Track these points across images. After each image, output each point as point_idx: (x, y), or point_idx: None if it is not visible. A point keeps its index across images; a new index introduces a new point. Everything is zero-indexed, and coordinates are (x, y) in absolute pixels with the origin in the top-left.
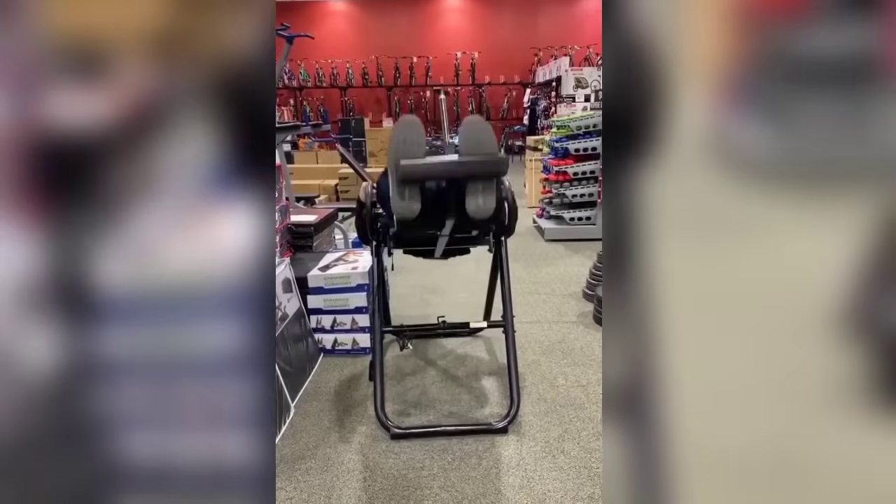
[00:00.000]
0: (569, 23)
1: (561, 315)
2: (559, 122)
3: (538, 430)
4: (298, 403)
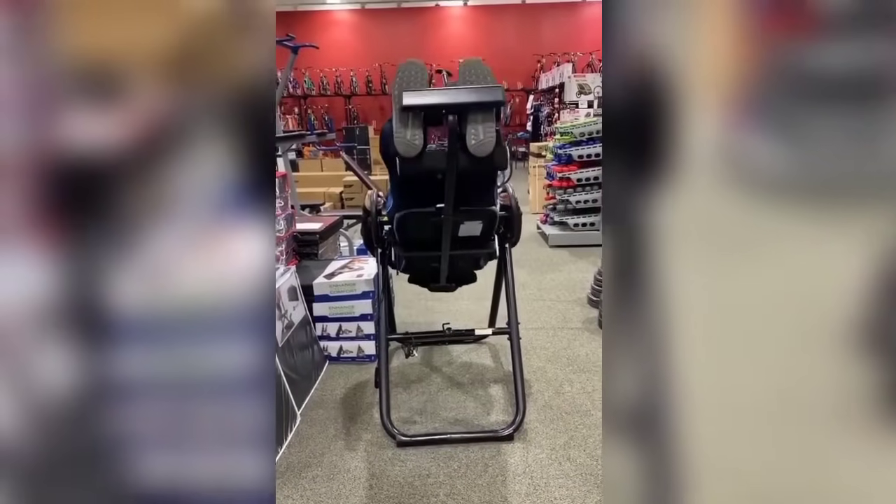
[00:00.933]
0: (571, 29)
1: (566, 321)
2: (562, 128)
3: (544, 437)
4: (304, 411)
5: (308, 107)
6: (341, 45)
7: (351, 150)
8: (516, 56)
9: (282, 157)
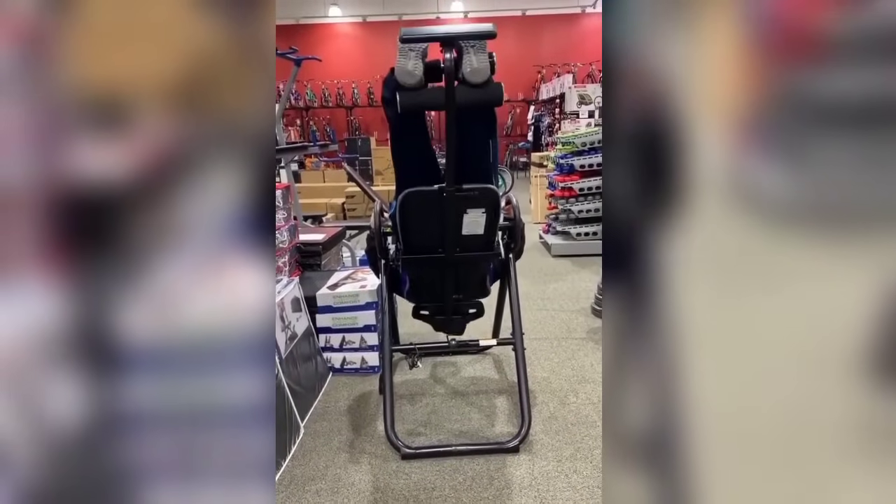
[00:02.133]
0: (571, 40)
1: (570, 331)
2: (564, 138)
3: (550, 448)
4: (308, 423)
5: (310, 118)
6: (343, 57)
7: (353, 161)
8: (517, 67)
9: (284, 168)
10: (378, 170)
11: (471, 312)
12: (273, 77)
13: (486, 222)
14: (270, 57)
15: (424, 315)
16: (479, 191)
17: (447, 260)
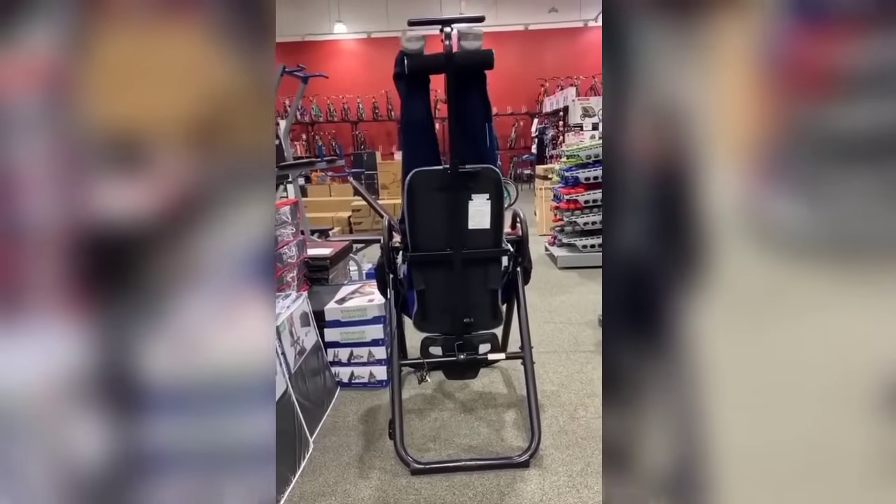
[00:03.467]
0: (573, 54)
1: (578, 344)
2: (569, 151)
3: (560, 463)
4: (317, 438)
5: (315, 133)
6: (348, 72)
7: (359, 176)
8: (520, 80)
9: (291, 183)
10: (384, 183)
11: (482, 354)
12: (273, 114)
13: (492, 213)
14: (271, 93)
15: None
16: (481, 169)
17: (455, 261)
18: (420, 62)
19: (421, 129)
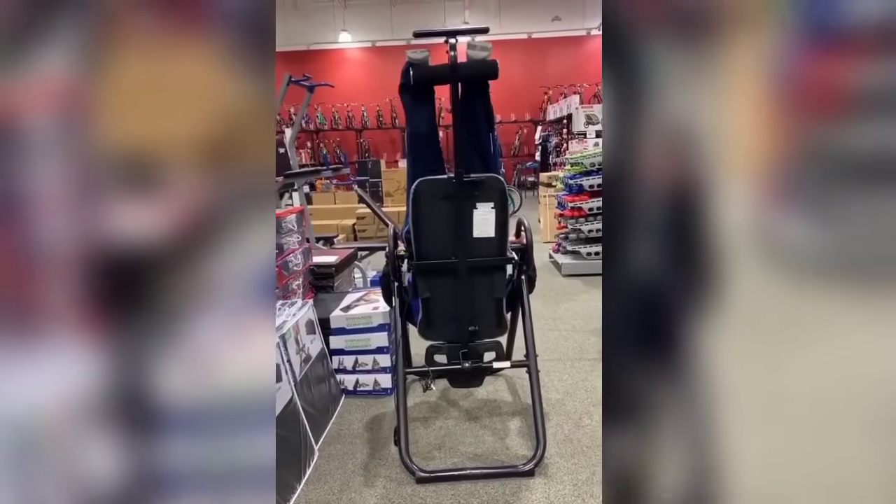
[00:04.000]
0: (576, 62)
1: (582, 352)
2: (573, 159)
3: (566, 472)
4: (322, 446)
5: (320, 141)
6: (352, 81)
7: (363, 184)
8: (523, 88)
9: (297, 191)
10: (388, 191)
11: (487, 362)
12: (273, 134)
13: (496, 222)
14: (273, 114)
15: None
16: (486, 178)
17: (460, 269)
18: (425, 72)
19: (426, 139)
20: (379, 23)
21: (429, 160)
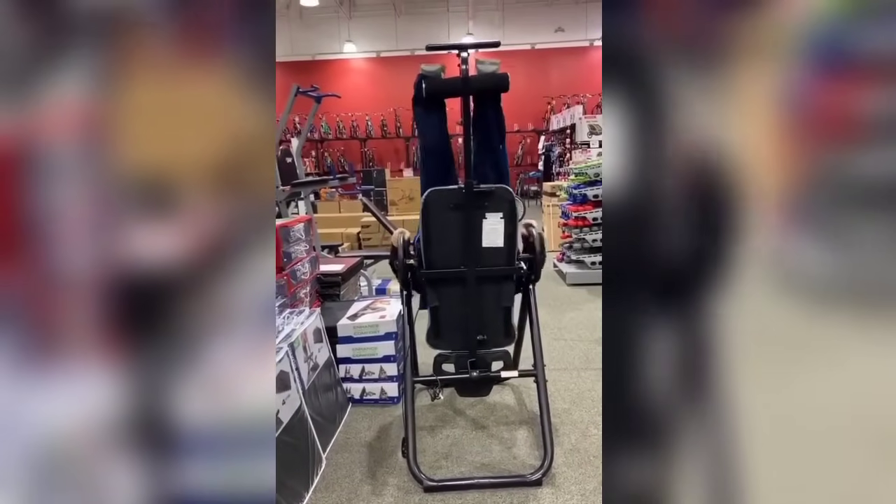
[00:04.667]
0: (579, 72)
1: (589, 362)
2: (577, 169)
3: (573, 482)
4: (330, 454)
5: (324, 150)
6: (357, 91)
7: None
8: (527, 99)
9: (303, 200)
10: (393, 200)
11: (495, 371)
12: (273, 158)
13: (506, 232)
14: (274, 139)
15: (447, 378)
16: (496, 188)
17: (469, 278)
18: (438, 85)
19: (437, 150)
20: (383, 34)
21: (440, 171)
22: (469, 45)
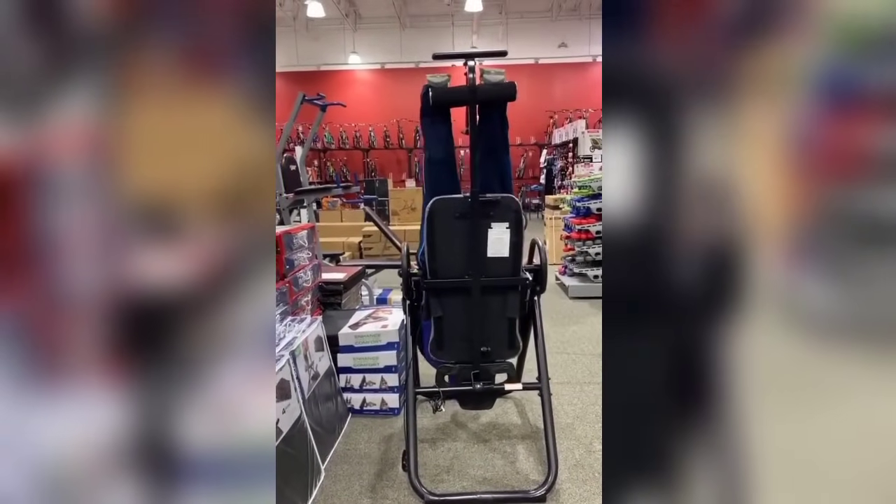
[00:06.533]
0: (582, 87)
1: (592, 375)
2: (580, 182)
3: (578, 499)
4: (329, 466)
5: (327, 160)
6: (361, 101)
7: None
8: (529, 112)
9: (306, 208)
10: (395, 210)
11: (499, 384)
12: (273, 186)
13: (511, 242)
14: (274, 163)
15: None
16: (501, 198)
17: (473, 289)
18: (444, 95)
19: (443, 161)
20: (388, 45)
21: (445, 181)
22: (476, 53)
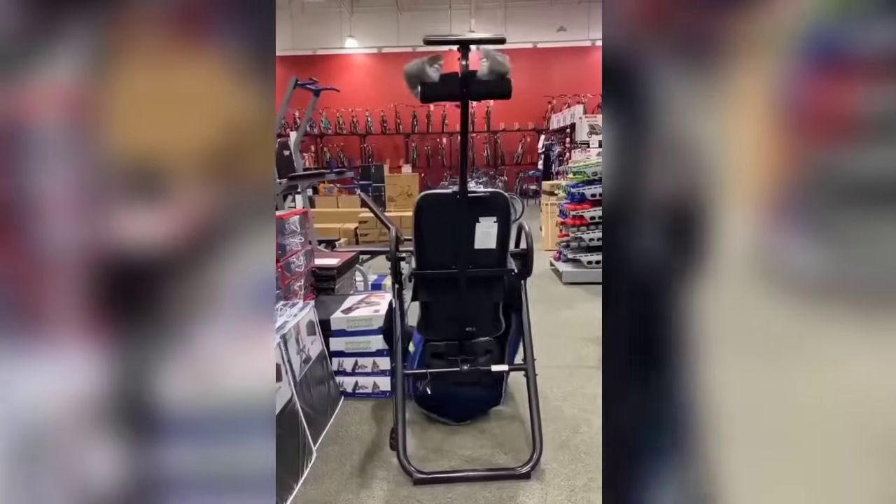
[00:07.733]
0: (581, 72)
1: (581, 360)
2: (576, 167)
3: (563, 478)
4: (320, 447)
5: (324, 145)
6: (358, 86)
7: (367, 188)
8: (527, 97)
9: (300, 194)
10: (391, 196)
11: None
12: (273, 145)
13: (498, 235)
14: (273, 125)
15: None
16: (490, 194)
17: (460, 279)
18: (434, 91)
19: None
20: (385, 30)
21: None
22: (471, 40)
